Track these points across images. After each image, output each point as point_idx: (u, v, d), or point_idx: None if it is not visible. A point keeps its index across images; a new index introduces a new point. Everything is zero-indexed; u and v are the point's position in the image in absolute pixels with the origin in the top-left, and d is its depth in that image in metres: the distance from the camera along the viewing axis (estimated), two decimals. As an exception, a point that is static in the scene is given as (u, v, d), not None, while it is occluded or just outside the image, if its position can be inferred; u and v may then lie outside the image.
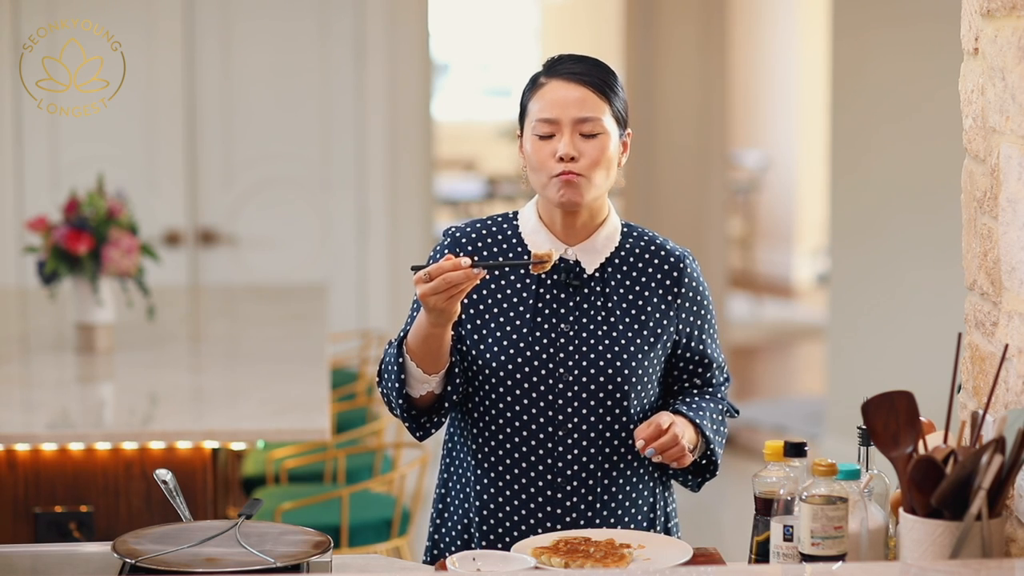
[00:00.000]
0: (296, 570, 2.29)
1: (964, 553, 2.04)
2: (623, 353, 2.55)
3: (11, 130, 6.19)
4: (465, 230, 2.63)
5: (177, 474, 2.63)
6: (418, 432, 2.61)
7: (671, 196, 7.79)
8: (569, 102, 2.52)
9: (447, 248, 2.61)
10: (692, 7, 7.65)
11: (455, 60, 14.08)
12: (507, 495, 2.57)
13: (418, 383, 2.53)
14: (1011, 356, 2.17)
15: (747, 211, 11.75)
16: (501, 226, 2.64)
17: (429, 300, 2.40)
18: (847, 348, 6.63)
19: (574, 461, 2.55)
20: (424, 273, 2.39)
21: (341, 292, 6.35)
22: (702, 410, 2.60)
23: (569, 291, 2.58)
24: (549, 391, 2.54)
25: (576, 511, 2.55)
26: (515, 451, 2.56)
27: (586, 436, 2.54)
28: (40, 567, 2.43)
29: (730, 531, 5.86)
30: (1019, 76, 2.13)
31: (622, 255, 2.61)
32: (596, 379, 2.54)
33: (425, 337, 2.48)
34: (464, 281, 2.38)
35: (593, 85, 2.53)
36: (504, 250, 2.61)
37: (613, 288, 2.59)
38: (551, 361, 2.54)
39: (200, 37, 6.27)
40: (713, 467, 2.62)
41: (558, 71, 2.55)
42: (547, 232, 2.60)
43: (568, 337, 2.55)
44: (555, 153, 2.51)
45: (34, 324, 5.16)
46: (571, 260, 2.58)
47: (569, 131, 2.51)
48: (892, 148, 6.31)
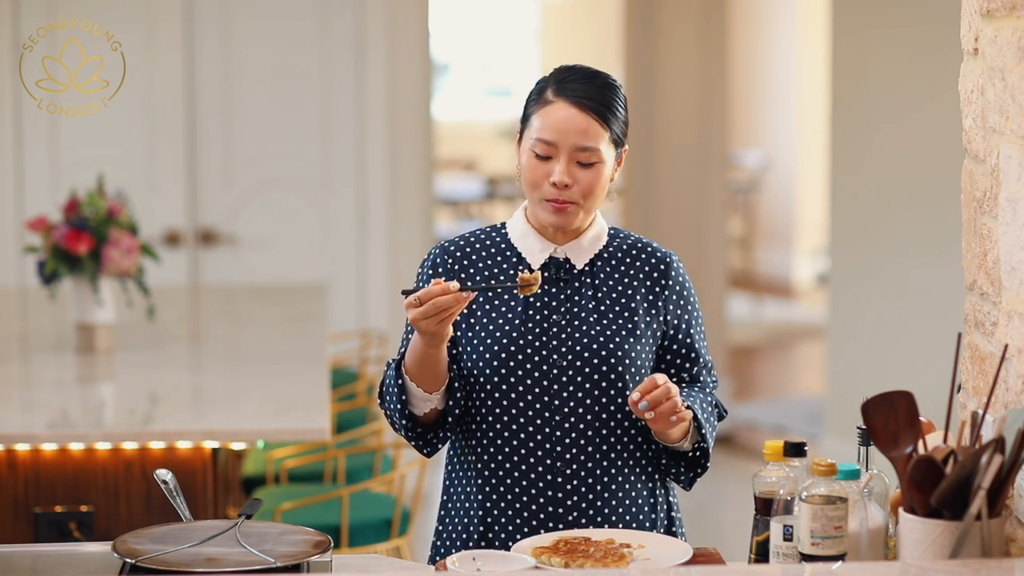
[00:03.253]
0: (296, 570, 2.29)
1: (964, 553, 2.04)
2: (615, 337, 2.57)
3: (11, 130, 6.19)
4: (455, 241, 2.67)
5: (177, 474, 2.63)
6: (425, 449, 2.62)
7: (671, 196, 7.78)
8: (571, 129, 2.52)
9: (437, 259, 2.64)
10: (692, 7, 7.64)
11: (455, 60, 14.08)
12: (507, 491, 2.57)
13: (421, 402, 2.55)
14: (1011, 356, 2.17)
15: (747, 211, 11.75)
16: (490, 235, 2.67)
17: (421, 324, 2.43)
18: (847, 348, 6.63)
19: (573, 449, 2.55)
20: (415, 298, 2.42)
21: (341, 292, 6.35)
22: (693, 398, 2.60)
23: (560, 285, 2.60)
24: (545, 383, 2.55)
25: (576, 503, 2.55)
26: (515, 445, 2.56)
27: (585, 423, 2.55)
28: (40, 567, 2.43)
29: (730, 531, 5.86)
30: (1019, 76, 2.13)
31: (610, 251, 2.64)
32: (592, 364, 2.55)
33: (422, 358, 2.51)
34: (454, 304, 2.41)
35: (597, 112, 2.53)
36: (494, 255, 2.64)
37: (602, 281, 2.62)
38: (544, 349, 2.56)
39: (200, 37, 6.26)
40: (705, 459, 2.61)
41: (566, 91, 2.54)
42: (536, 235, 2.63)
43: (561, 327, 2.57)
44: (549, 176, 2.54)
45: (34, 324, 5.16)
46: (560, 258, 2.61)
47: (566, 158, 2.53)
48: (892, 148, 6.31)
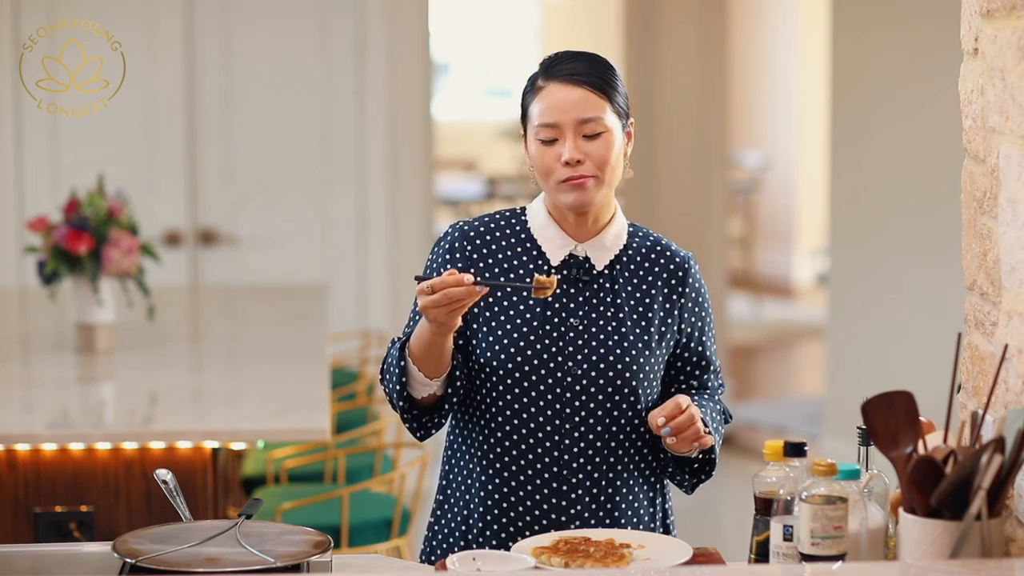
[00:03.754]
0: (296, 570, 2.29)
1: (964, 553, 2.04)
2: (631, 349, 2.55)
3: (11, 130, 6.19)
4: (473, 224, 2.62)
5: (177, 474, 2.63)
6: (419, 432, 2.61)
7: (671, 196, 7.78)
8: (569, 105, 2.50)
9: (456, 242, 2.60)
10: (692, 7, 7.64)
11: (455, 60, 14.08)
12: (511, 489, 2.56)
13: (420, 385, 2.54)
14: (1011, 356, 2.17)
15: (747, 211, 11.75)
16: (509, 221, 2.63)
17: (430, 312, 2.40)
18: (847, 348, 6.63)
19: (578, 454, 2.54)
20: (427, 285, 2.39)
21: (341, 292, 6.35)
22: (703, 407, 2.60)
23: (579, 287, 2.58)
24: (557, 384, 2.54)
25: (579, 505, 2.55)
26: (521, 444, 2.55)
27: (592, 430, 2.55)
28: (40, 567, 2.43)
29: (730, 531, 5.86)
30: (1019, 76, 2.13)
31: (629, 254, 2.61)
32: (605, 374, 2.54)
33: (427, 345, 2.48)
34: (466, 297, 2.38)
35: (592, 84, 2.51)
36: (514, 244, 2.60)
37: (621, 286, 2.59)
38: (560, 355, 2.54)
39: (200, 37, 6.26)
40: (710, 467, 2.62)
41: (555, 72, 2.53)
42: (557, 228, 2.59)
43: (578, 331, 2.55)
44: (560, 157, 2.50)
45: (34, 324, 5.16)
46: (581, 257, 2.59)
47: (572, 134, 2.50)
48: (892, 148, 6.31)
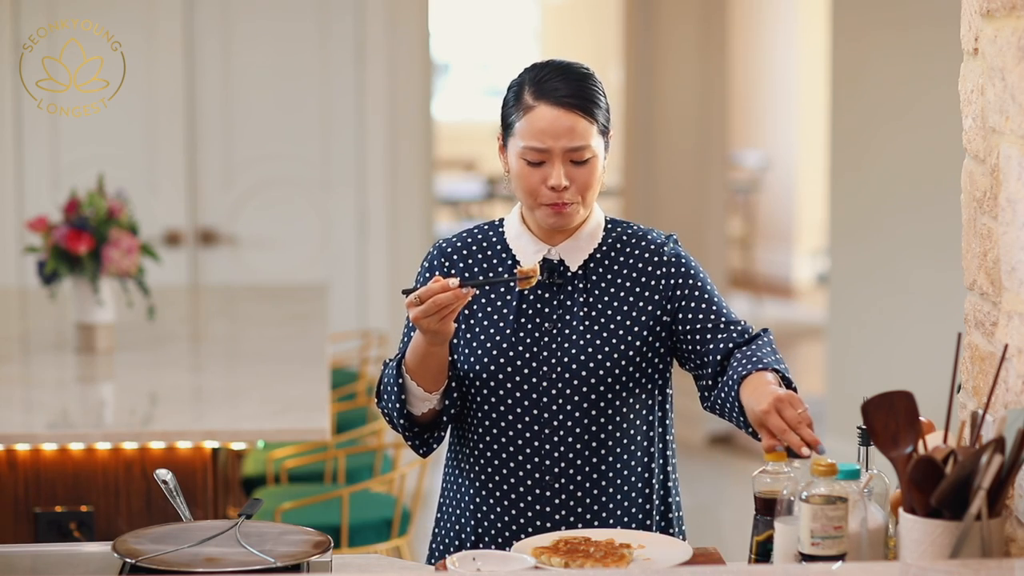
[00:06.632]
0: (296, 570, 2.29)
1: (964, 553, 2.04)
2: (605, 347, 2.54)
3: (11, 130, 6.19)
4: (452, 241, 2.66)
5: (177, 474, 2.63)
6: (421, 449, 2.62)
7: (671, 196, 7.78)
8: (561, 132, 2.48)
9: (435, 260, 2.64)
10: (692, 7, 7.64)
11: (455, 60, 14.08)
12: (499, 492, 2.57)
13: (420, 401, 2.55)
14: (1011, 356, 2.17)
15: (747, 211, 11.75)
16: (487, 234, 2.65)
17: (422, 323, 2.42)
18: (847, 348, 6.63)
19: (560, 455, 2.55)
20: (415, 297, 2.41)
21: (341, 292, 6.35)
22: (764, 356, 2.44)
23: (553, 290, 2.58)
24: (533, 390, 2.55)
25: (563, 505, 2.55)
26: (504, 448, 2.56)
27: (572, 431, 2.55)
28: (40, 567, 2.43)
29: (730, 531, 5.86)
30: (1019, 76, 2.13)
31: (604, 250, 2.60)
32: (579, 374, 2.54)
33: (424, 356, 2.49)
34: (454, 301, 2.39)
35: (581, 109, 2.49)
36: (489, 256, 2.63)
37: (595, 283, 2.58)
38: (534, 360, 2.55)
39: (200, 37, 6.26)
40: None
41: (546, 93, 2.50)
42: (530, 235, 2.60)
43: (551, 335, 2.56)
44: (545, 179, 2.50)
45: (34, 324, 5.16)
46: (555, 260, 2.59)
47: (560, 160, 2.49)
48: (891, 148, 6.31)
